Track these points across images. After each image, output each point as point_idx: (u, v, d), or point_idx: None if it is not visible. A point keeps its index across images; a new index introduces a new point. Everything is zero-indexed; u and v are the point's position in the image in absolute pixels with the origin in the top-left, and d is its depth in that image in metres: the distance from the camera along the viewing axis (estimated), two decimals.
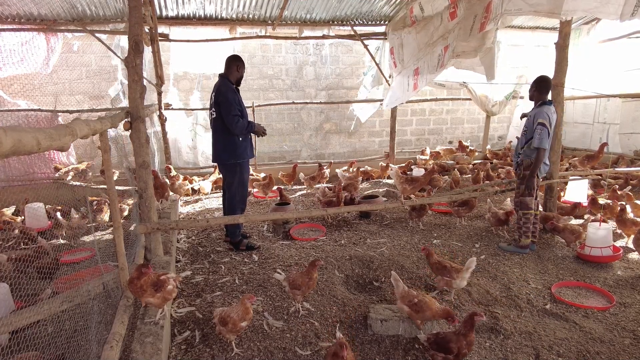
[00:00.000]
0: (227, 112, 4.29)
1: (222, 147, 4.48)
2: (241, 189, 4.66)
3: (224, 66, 4.57)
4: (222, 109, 4.31)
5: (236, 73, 4.54)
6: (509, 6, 4.03)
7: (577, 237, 4.41)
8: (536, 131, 4.23)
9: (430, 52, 6.12)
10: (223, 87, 4.39)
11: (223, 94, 4.33)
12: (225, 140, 4.44)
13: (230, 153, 4.46)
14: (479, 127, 10.62)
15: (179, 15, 6.87)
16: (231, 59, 4.55)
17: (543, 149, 4.24)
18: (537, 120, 4.26)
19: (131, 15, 3.53)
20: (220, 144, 4.49)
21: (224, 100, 4.30)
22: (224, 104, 4.30)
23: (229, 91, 4.37)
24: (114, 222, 3.18)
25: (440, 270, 3.51)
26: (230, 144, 4.44)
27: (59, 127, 1.64)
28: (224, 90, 4.35)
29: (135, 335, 2.66)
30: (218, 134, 4.49)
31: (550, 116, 4.28)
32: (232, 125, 4.30)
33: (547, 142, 4.23)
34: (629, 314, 3.34)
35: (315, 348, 2.88)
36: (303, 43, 8.74)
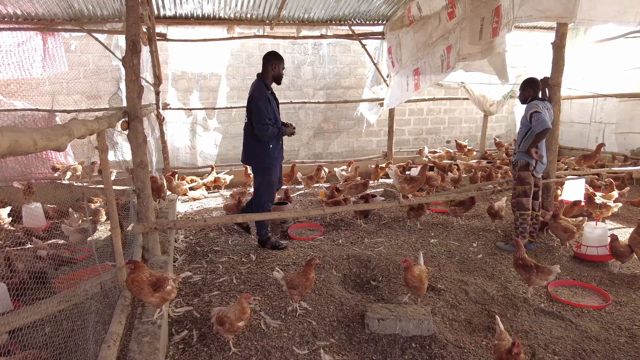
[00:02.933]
0: (257, 121, 4.24)
1: (252, 151, 4.47)
2: (269, 191, 4.63)
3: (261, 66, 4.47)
4: (253, 117, 4.28)
5: (272, 72, 4.42)
6: (520, 13, 4.05)
7: (571, 236, 4.43)
8: (532, 120, 4.24)
9: (430, 52, 6.13)
10: (257, 92, 4.31)
11: (255, 100, 4.26)
12: (255, 145, 4.42)
13: (260, 158, 4.46)
14: (477, 126, 10.63)
15: (177, 15, 6.86)
16: (265, 58, 4.43)
17: (547, 129, 4.20)
18: (530, 112, 4.30)
19: (129, 15, 3.53)
20: (250, 147, 4.48)
21: (255, 108, 4.25)
22: (255, 111, 4.26)
23: (262, 98, 4.28)
24: (111, 222, 3.19)
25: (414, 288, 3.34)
26: (261, 150, 4.41)
27: (56, 127, 1.64)
28: (256, 97, 4.28)
29: (133, 334, 2.66)
30: (249, 138, 4.47)
31: (539, 105, 4.30)
32: (261, 133, 4.27)
33: (547, 122, 4.19)
34: (624, 312, 3.36)
35: (313, 347, 2.89)
36: (301, 43, 8.74)
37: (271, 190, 4.67)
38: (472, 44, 5.00)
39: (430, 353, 2.83)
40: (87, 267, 3.69)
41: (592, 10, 3.79)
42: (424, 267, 3.41)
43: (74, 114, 6.62)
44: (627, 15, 3.64)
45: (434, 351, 2.83)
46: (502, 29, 4.46)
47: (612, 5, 3.76)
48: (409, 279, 3.23)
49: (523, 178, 4.51)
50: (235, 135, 8.83)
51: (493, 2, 4.51)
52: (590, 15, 3.81)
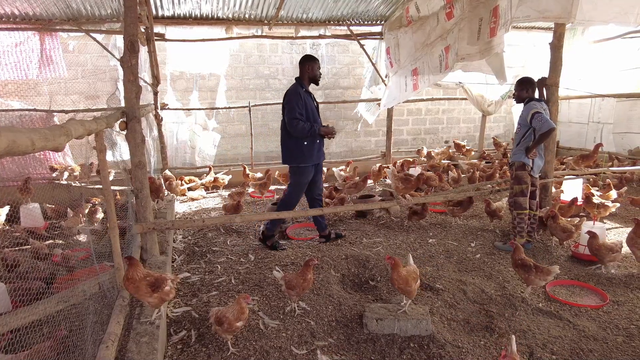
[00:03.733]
0: (288, 115, 4.40)
1: (287, 149, 4.58)
2: (298, 192, 4.73)
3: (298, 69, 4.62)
4: (285, 112, 4.45)
5: (307, 74, 4.57)
6: (517, 13, 4.06)
7: (569, 236, 4.43)
8: (535, 121, 4.24)
9: (428, 52, 6.14)
10: (291, 90, 4.51)
11: (288, 96, 4.46)
12: (290, 143, 4.53)
13: (294, 156, 4.55)
14: (475, 126, 10.65)
15: (175, 15, 6.86)
16: (301, 62, 4.59)
17: (551, 129, 4.22)
18: (530, 112, 4.31)
19: (127, 15, 3.53)
20: (286, 146, 4.58)
21: (287, 103, 4.43)
22: (286, 106, 4.43)
23: (294, 94, 4.45)
24: (109, 222, 3.18)
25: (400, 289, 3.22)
26: (295, 148, 4.51)
27: (54, 128, 1.64)
28: (289, 93, 4.48)
29: (131, 335, 2.66)
30: (283, 136, 4.59)
31: (538, 106, 4.32)
32: (291, 128, 4.39)
33: (551, 122, 4.21)
34: (622, 312, 3.37)
35: (311, 347, 2.89)
36: (299, 43, 8.74)
37: (301, 191, 4.74)
38: (470, 44, 5.00)
39: (428, 353, 2.83)
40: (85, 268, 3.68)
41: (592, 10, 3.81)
42: (412, 268, 3.24)
43: (72, 114, 6.61)
44: (628, 16, 3.67)
45: (432, 351, 2.83)
46: (500, 29, 4.46)
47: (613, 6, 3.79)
48: (394, 279, 3.09)
49: (520, 177, 4.52)
50: (234, 135, 8.84)
51: (491, 3, 4.52)
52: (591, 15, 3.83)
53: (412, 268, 3.22)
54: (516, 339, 2.99)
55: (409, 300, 3.16)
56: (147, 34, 6.39)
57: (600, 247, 3.97)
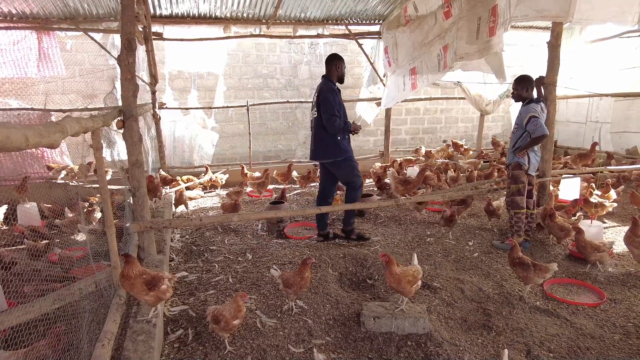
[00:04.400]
0: (325, 112, 4.46)
1: (323, 145, 4.61)
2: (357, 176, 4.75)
3: (325, 67, 4.73)
4: (322, 109, 4.49)
5: (336, 72, 4.70)
6: (516, 12, 4.06)
7: (567, 234, 4.44)
8: (530, 124, 4.27)
9: (427, 51, 6.14)
10: (324, 87, 4.57)
11: (323, 94, 4.51)
12: (326, 139, 4.58)
13: (332, 151, 4.60)
14: (473, 126, 10.66)
15: (173, 14, 6.85)
16: (329, 60, 4.70)
17: (544, 135, 4.26)
18: (528, 115, 4.31)
19: (124, 13, 3.52)
20: (321, 142, 4.62)
21: (324, 100, 4.48)
22: (323, 103, 4.48)
23: (330, 91, 4.53)
24: (106, 220, 3.17)
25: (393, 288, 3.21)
26: (331, 142, 4.58)
27: (49, 124, 1.63)
28: (324, 91, 4.52)
29: (128, 333, 2.65)
30: (319, 133, 4.62)
31: (537, 110, 4.33)
32: (329, 124, 4.46)
33: (545, 128, 4.24)
34: (619, 310, 3.37)
35: (309, 346, 2.88)
36: (298, 42, 8.74)
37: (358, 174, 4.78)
38: (469, 43, 5.00)
39: (425, 351, 2.83)
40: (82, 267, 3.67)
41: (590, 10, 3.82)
42: (411, 269, 3.17)
43: (69, 113, 6.60)
44: (626, 15, 3.68)
45: (430, 349, 2.83)
46: (499, 29, 4.46)
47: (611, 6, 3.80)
48: (387, 276, 3.08)
49: (517, 177, 4.52)
50: (232, 134, 8.83)
51: (490, 2, 4.52)
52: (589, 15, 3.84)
53: (412, 269, 3.18)
54: (513, 337, 3.01)
55: (406, 298, 3.16)
56: (145, 33, 6.38)
57: (586, 244, 3.99)
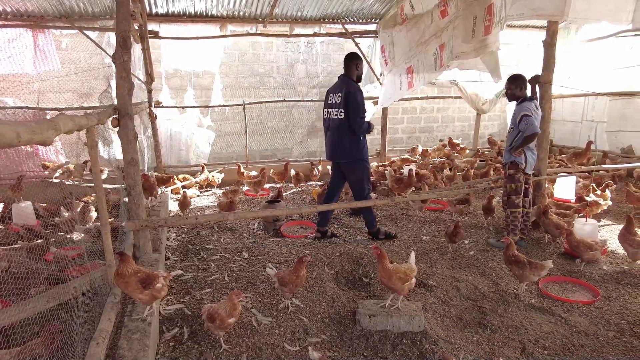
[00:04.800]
0: (355, 114, 4.45)
1: (347, 145, 4.60)
2: (368, 182, 4.84)
3: (344, 66, 4.70)
4: (351, 110, 4.45)
5: (356, 71, 4.68)
6: (512, 11, 4.07)
7: (561, 233, 4.46)
8: (522, 123, 4.31)
9: (423, 50, 6.14)
10: (353, 88, 4.53)
11: (353, 95, 4.47)
12: (351, 140, 4.58)
13: (354, 152, 4.61)
14: (470, 125, 10.68)
15: (169, 13, 6.82)
16: (350, 58, 4.68)
17: (536, 134, 4.30)
18: (521, 114, 4.36)
19: (119, 11, 3.51)
20: (345, 143, 4.60)
21: (354, 102, 4.45)
22: (353, 104, 4.44)
23: (359, 92, 4.53)
24: (101, 219, 3.16)
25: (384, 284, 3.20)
26: (355, 143, 4.59)
27: (41, 121, 1.62)
28: (353, 92, 4.49)
29: (123, 332, 2.65)
30: (343, 133, 4.58)
31: (531, 108, 4.36)
32: (357, 126, 4.48)
33: (537, 127, 4.28)
34: (613, 307, 3.39)
35: (304, 344, 2.88)
36: (294, 41, 8.73)
37: (369, 180, 4.89)
38: (465, 42, 5.01)
39: (421, 349, 2.83)
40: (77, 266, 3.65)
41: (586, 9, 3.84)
42: (404, 266, 3.16)
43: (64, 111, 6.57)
44: (620, 14, 3.70)
45: (425, 347, 2.84)
46: (495, 27, 4.47)
47: (606, 5, 3.82)
48: (379, 271, 3.08)
49: (513, 176, 4.54)
50: (228, 133, 8.81)
51: (486, 0, 4.53)
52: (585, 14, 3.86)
53: (406, 266, 3.16)
54: (509, 334, 3.02)
55: (400, 296, 3.15)
56: (140, 31, 6.36)
57: (579, 243, 4.01)
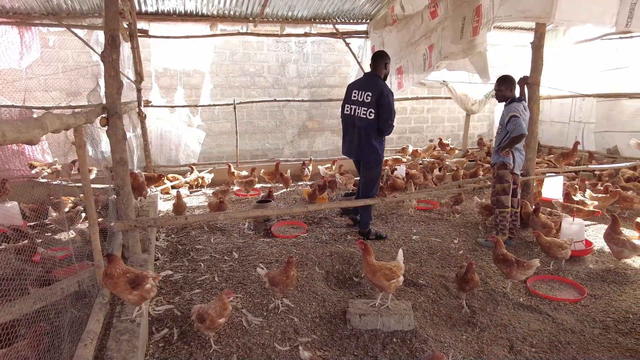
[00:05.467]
0: (388, 116, 4.56)
1: (373, 145, 4.69)
2: (378, 181, 5.03)
3: (372, 64, 4.77)
4: (384, 112, 4.53)
5: (384, 70, 4.76)
6: (500, 12, 4.12)
7: (549, 232, 4.52)
8: (510, 124, 4.37)
9: (413, 51, 6.19)
10: (386, 90, 4.60)
11: (386, 97, 4.53)
12: (377, 140, 4.69)
13: (378, 152, 4.76)
14: (459, 125, 10.76)
15: (158, 11, 6.78)
16: (378, 57, 4.76)
17: (523, 135, 4.35)
18: (509, 115, 4.42)
19: (107, 9, 3.47)
20: (374, 143, 4.68)
21: (387, 104, 4.53)
22: (386, 107, 4.53)
23: (391, 95, 4.62)
24: (89, 219, 3.13)
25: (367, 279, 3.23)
26: (380, 144, 4.75)
27: (27, 120, 1.60)
28: (386, 94, 4.56)
29: (111, 333, 2.62)
30: (372, 133, 4.65)
31: (519, 109, 4.42)
32: (387, 127, 4.62)
33: (524, 128, 4.34)
34: (598, 305, 3.45)
35: (294, 343, 2.88)
36: (285, 40, 8.71)
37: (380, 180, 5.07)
38: (453, 42, 5.06)
39: (411, 347, 2.85)
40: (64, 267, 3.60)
41: (571, 11, 3.89)
42: (390, 263, 3.17)
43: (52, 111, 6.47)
44: (605, 16, 3.76)
45: (415, 346, 2.86)
46: (483, 28, 4.53)
47: (591, 7, 3.88)
48: (364, 266, 3.10)
49: (502, 176, 4.59)
50: (219, 133, 8.76)
51: (474, 2, 4.58)
52: (570, 16, 3.92)
53: (392, 264, 3.16)
54: (497, 333, 3.05)
55: (389, 295, 3.16)
56: (130, 29, 6.30)
57: (550, 244, 4.02)
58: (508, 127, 4.39)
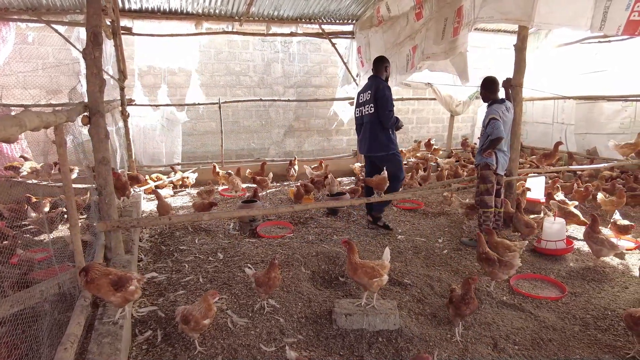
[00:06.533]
0: (384, 107, 4.80)
1: (380, 140, 4.94)
2: (401, 171, 5.16)
3: (373, 67, 5.10)
4: (380, 105, 4.79)
5: (384, 73, 5.06)
6: (481, 13, 4.16)
7: (531, 231, 4.60)
8: (489, 126, 4.45)
9: (397, 51, 6.23)
10: (382, 84, 4.90)
11: (381, 90, 4.82)
12: (382, 134, 4.93)
13: (387, 145, 4.97)
14: (444, 126, 10.88)
15: (142, 9, 6.68)
16: (379, 61, 5.07)
17: (501, 138, 4.43)
18: (489, 117, 4.51)
19: (89, 6, 3.40)
20: (380, 137, 4.93)
21: (382, 96, 4.79)
22: (381, 98, 4.79)
23: (386, 88, 4.89)
24: (70, 219, 3.06)
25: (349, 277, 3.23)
26: (387, 138, 4.96)
27: (5, 117, 1.55)
28: (382, 88, 4.85)
29: (93, 335, 2.57)
30: (376, 128, 4.93)
31: (499, 111, 4.49)
32: (386, 118, 4.84)
33: (502, 131, 4.42)
34: (579, 302, 3.52)
35: (280, 344, 2.87)
36: (271, 40, 8.68)
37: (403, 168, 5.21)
38: (435, 43, 5.13)
39: (396, 347, 2.87)
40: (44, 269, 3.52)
41: (549, 14, 3.94)
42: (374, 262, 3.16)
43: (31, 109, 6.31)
44: (580, 20, 3.83)
45: (400, 345, 2.87)
46: (463, 29, 4.58)
47: (567, 11, 3.94)
48: (347, 264, 3.11)
49: (485, 177, 4.65)
50: (203, 132, 8.68)
51: (456, 3, 4.64)
52: (547, 18, 3.97)
53: (376, 262, 3.16)
54: (481, 331, 3.09)
55: (374, 294, 3.17)
56: (113, 27, 6.19)
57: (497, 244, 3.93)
58: (487, 129, 4.47)
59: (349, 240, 3.18)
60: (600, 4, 3.65)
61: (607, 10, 3.64)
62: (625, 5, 3.54)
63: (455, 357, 2.79)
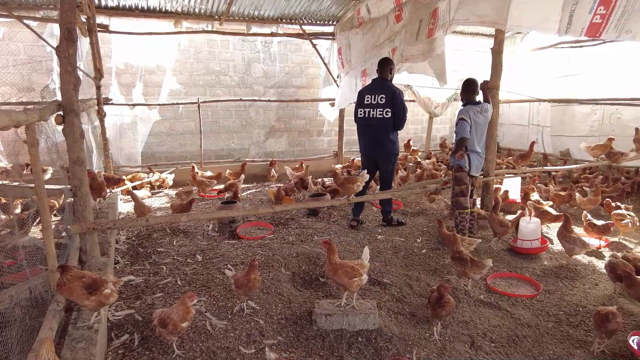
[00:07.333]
0: (403, 113, 5.12)
1: (391, 141, 5.20)
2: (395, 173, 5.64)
3: (379, 69, 5.24)
4: (399, 109, 5.07)
5: (390, 74, 5.23)
6: (457, 15, 4.22)
7: (505, 231, 4.70)
8: (456, 126, 4.60)
9: (377, 53, 6.27)
10: (398, 90, 5.13)
11: (398, 96, 5.07)
12: (394, 136, 5.23)
13: (395, 147, 5.29)
14: (422, 127, 11.01)
15: (119, 6, 6.55)
16: (385, 62, 5.22)
17: (464, 138, 4.52)
18: (458, 117, 4.63)
19: (63, 2, 3.31)
20: (391, 138, 5.20)
21: (401, 103, 5.09)
22: (400, 106, 5.08)
23: (402, 94, 5.16)
24: (42, 221, 2.97)
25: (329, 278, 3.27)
26: (395, 139, 5.27)
27: None
28: (398, 93, 5.09)
29: (66, 341, 2.50)
30: (389, 130, 5.15)
31: (470, 112, 4.58)
32: (402, 123, 5.17)
33: (467, 132, 4.52)
34: (552, 300, 3.62)
35: (260, 346, 2.85)
36: (251, 40, 8.61)
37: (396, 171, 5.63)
38: (409, 44, 5.19)
39: (375, 346, 2.89)
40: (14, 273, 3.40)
41: (520, 16, 4.02)
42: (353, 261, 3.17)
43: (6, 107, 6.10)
44: (548, 23, 3.93)
45: (380, 344, 2.89)
46: (438, 30, 4.65)
47: (536, 13, 4.03)
48: (326, 264, 3.10)
49: (460, 179, 4.73)
50: (182, 132, 8.54)
51: (432, 5, 4.70)
52: (519, 21, 4.05)
53: (355, 262, 3.17)
54: (459, 329, 3.14)
55: (354, 294, 3.18)
56: (88, 24, 6.05)
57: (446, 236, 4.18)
58: (455, 129, 4.57)
59: (329, 241, 3.19)
60: (567, 7, 3.77)
61: (573, 14, 3.78)
62: (589, 9, 3.69)
63: (434, 355, 2.83)
